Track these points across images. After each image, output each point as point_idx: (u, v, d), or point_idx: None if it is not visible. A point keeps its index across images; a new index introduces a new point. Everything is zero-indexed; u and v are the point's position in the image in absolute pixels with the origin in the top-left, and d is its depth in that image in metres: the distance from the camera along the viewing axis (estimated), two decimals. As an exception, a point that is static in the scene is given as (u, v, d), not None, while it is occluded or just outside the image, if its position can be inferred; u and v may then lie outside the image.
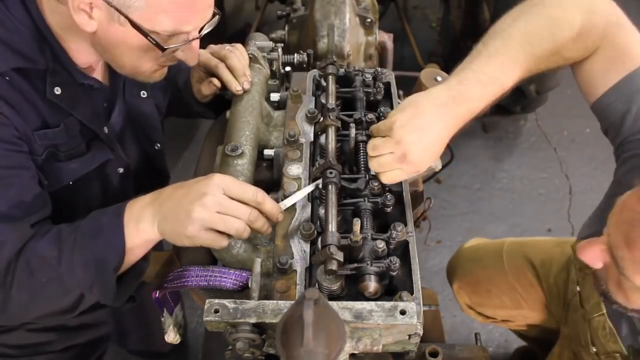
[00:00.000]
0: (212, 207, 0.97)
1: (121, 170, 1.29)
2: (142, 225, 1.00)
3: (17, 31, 1.02)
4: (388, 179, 1.04)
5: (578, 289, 1.29)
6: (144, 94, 1.32)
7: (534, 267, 1.63)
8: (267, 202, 1.02)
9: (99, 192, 1.27)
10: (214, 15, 1.08)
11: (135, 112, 1.32)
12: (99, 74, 1.21)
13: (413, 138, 0.98)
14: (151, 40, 1.01)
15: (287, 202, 1.07)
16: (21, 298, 1.00)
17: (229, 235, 0.99)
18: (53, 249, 1.00)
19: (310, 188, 1.09)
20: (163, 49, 1.04)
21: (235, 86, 1.28)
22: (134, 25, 0.99)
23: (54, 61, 1.07)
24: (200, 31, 1.08)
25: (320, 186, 1.08)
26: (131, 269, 1.05)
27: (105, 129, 1.20)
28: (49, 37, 1.05)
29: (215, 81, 1.31)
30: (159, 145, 1.42)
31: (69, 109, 1.11)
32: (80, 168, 1.17)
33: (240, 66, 1.29)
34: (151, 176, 1.46)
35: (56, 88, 1.07)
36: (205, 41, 1.43)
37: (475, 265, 1.79)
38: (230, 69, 1.30)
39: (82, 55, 1.11)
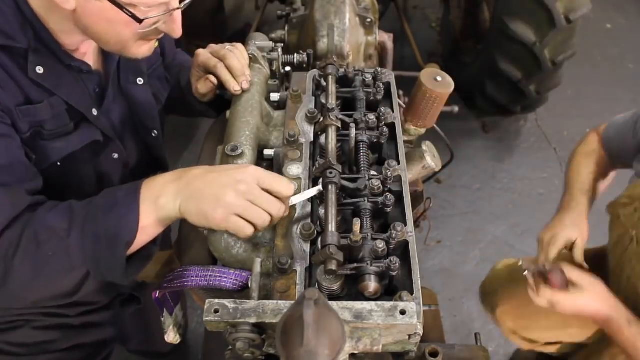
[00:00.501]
0: (245, 195, 0.98)
1: (116, 155, 1.29)
2: (162, 201, 1.00)
3: None
4: None
5: (634, 233, 1.32)
6: (140, 81, 1.31)
7: None
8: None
9: (92, 176, 1.27)
10: None
11: (131, 99, 1.31)
12: (90, 59, 1.21)
13: None
14: (127, 12, 1.01)
15: (295, 200, 1.07)
16: (24, 272, 0.99)
17: (253, 225, 1.00)
18: (63, 221, 1.00)
19: (316, 190, 1.09)
20: (140, 21, 1.03)
21: (233, 86, 1.28)
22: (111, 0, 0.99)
23: (36, 41, 1.07)
24: (181, 2, 1.07)
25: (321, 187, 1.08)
26: (140, 251, 1.05)
27: (94, 111, 1.20)
28: (31, 17, 1.06)
29: (212, 78, 1.31)
30: (155, 132, 1.41)
31: (52, 88, 1.11)
32: (65, 147, 1.16)
33: (239, 66, 1.29)
34: (150, 165, 1.45)
35: (38, 67, 1.08)
36: (205, 42, 1.43)
37: (519, 286, 1.74)
38: (229, 69, 1.29)
39: (67, 36, 1.11)
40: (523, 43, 2.77)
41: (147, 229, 1.01)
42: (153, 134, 1.40)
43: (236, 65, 1.29)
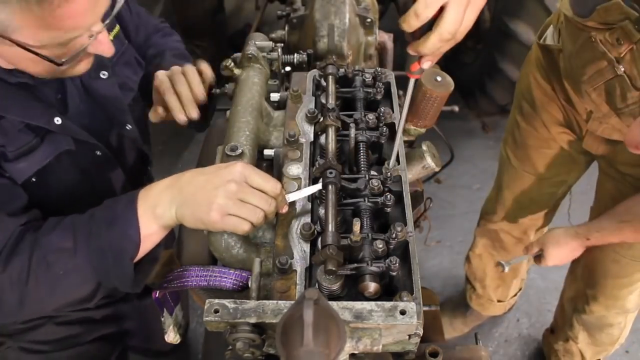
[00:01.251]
0: (236, 194, 0.99)
1: (99, 152, 1.26)
2: (159, 210, 1.01)
3: None
4: None
5: (622, 69, 1.31)
6: (104, 74, 1.24)
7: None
8: (282, 194, 1.05)
9: (80, 178, 1.24)
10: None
11: (96, 95, 1.23)
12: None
13: None
14: (43, 57, 0.95)
15: (292, 197, 1.08)
16: (39, 292, 1.01)
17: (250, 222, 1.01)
18: (68, 240, 1.01)
19: (315, 188, 1.09)
20: (58, 64, 0.98)
21: (178, 115, 1.25)
22: (21, 46, 0.93)
23: None
24: (104, 21, 1.01)
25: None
26: (146, 255, 1.06)
27: (58, 120, 1.13)
28: None
29: (160, 110, 1.29)
30: (129, 126, 1.32)
31: (0, 111, 1.06)
32: (30, 166, 1.11)
33: (187, 93, 1.26)
34: (136, 156, 1.44)
35: None
36: (205, 42, 1.42)
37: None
38: (177, 95, 1.27)
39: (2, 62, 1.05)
40: (523, 43, 2.77)
41: (149, 237, 1.03)
42: (127, 128, 1.33)
43: (184, 92, 1.26)
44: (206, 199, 0.98)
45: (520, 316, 2.62)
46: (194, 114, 1.26)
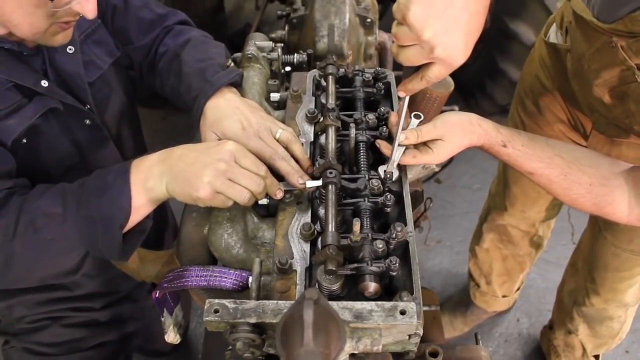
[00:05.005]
0: (225, 173, 1.00)
1: (88, 122, 1.25)
2: (150, 183, 1.03)
3: None
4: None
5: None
6: (70, 49, 1.22)
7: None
8: (269, 177, 1.06)
9: (70, 147, 1.24)
10: None
11: (59, 68, 1.22)
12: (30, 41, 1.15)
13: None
14: None
15: (309, 184, 1.09)
16: (26, 256, 1.01)
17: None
18: (57, 206, 1.01)
19: (317, 183, 1.08)
20: None
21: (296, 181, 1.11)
22: None
23: None
24: None
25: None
26: (135, 226, 1.07)
27: (45, 83, 1.14)
28: None
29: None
30: (88, 106, 1.28)
31: None
32: (20, 121, 1.12)
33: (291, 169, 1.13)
34: (131, 133, 1.44)
35: None
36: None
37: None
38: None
39: None
40: (523, 43, 2.77)
41: (139, 209, 1.04)
42: (86, 108, 1.26)
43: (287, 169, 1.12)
44: (195, 176, 1.00)
45: (520, 316, 2.62)
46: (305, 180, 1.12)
